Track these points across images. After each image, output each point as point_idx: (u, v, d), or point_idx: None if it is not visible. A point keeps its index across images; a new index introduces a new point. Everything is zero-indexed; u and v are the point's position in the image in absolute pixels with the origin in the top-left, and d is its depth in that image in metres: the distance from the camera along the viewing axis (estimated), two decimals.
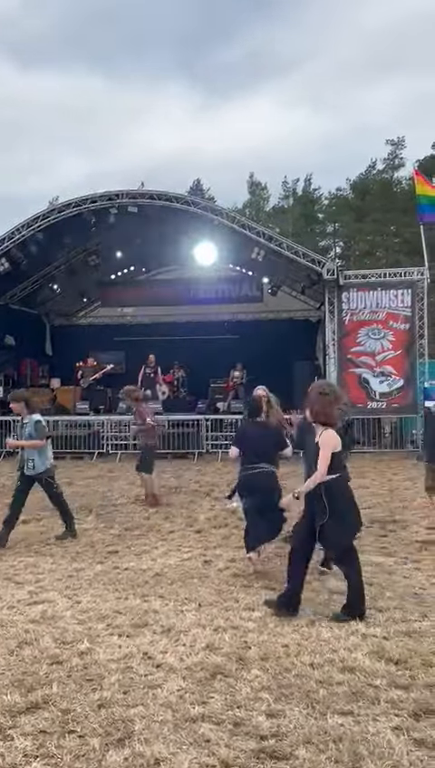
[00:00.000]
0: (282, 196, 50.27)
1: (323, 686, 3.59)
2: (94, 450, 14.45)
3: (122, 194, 15.22)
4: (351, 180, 47.25)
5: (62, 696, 3.53)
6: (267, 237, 15.02)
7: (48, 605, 4.99)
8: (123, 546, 6.81)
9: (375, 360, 14.27)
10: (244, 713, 3.31)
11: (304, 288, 17.68)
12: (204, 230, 16.83)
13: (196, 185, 49.08)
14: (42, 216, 15.34)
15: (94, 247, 18.41)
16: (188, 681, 3.68)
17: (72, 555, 6.47)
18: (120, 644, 4.23)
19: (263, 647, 4.13)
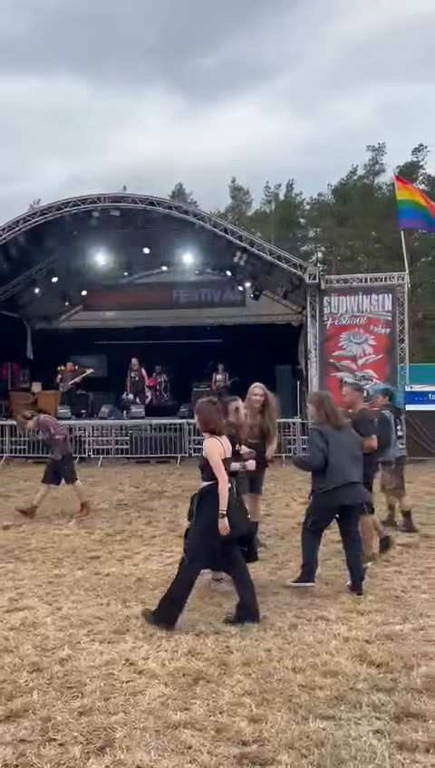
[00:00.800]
0: (264, 201, 50.49)
1: (305, 691, 3.59)
2: (76, 455, 14.33)
3: (104, 197, 15.17)
4: (332, 186, 47.64)
5: (43, 703, 3.49)
6: (249, 242, 15.07)
7: (28, 612, 4.93)
8: (105, 552, 6.77)
9: (356, 363, 14.37)
10: (226, 718, 3.30)
11: (286, 292, 17.76)
12: (186, 234, 16.84)
13: (178, 189, 49.14)
14: (23, 219, 15.24)
15: (76, 251, 18.32)
16: (170, 687, 3.65)
17: (53, 561, 6.41)
18: (101, 650, 4.19)
19: (245, 651, 4.12)
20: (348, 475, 5.24)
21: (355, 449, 5.45)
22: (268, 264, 15.54)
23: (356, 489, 5.32)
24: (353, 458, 5.37)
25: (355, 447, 5.46)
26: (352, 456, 5.35)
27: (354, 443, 5.49)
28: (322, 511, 5.36)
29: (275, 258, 14.75)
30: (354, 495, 5.30)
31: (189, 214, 15.30)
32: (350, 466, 5.28)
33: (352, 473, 5.29)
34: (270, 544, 6.84)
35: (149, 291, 20.84)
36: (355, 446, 5.47)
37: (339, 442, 5.30)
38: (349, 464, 5.28)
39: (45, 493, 8.72)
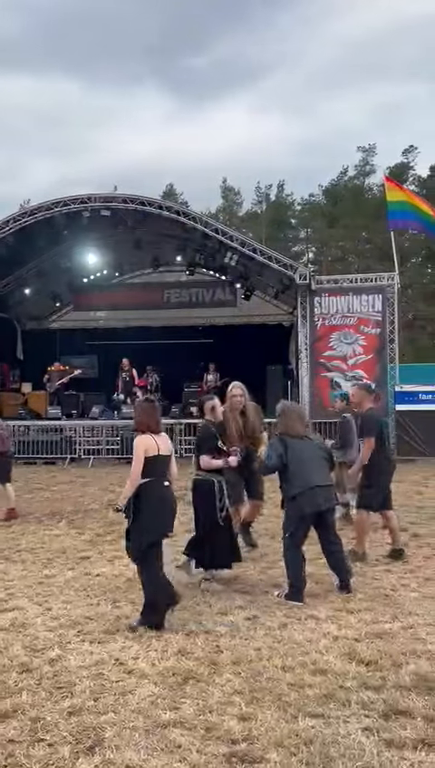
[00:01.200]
0: (255, 202, 50.57)
1: (294, 689, 3.60)
2: (67, 455, 14.32)
3: (95, 197, 15.15)
4: (323, 186, 47.79)
5: (32, 704, 3.48)
6: (240, 242, 15.09)
7: (18, 612, 4.92)
8: (95, 552, 6.76)
9: (347, 364, 14.43)
10: (216, 717, 3.30)
11: (276, 293, 17.80)
12: (177, 234, 16.85)
13: (169, 189, 49.10)
14: (13, 219, 15.19)
15: (66, 251, 18.27)
16: (159, 687, 3.65)
17: (43, 562, 6.40)
18: (91, 650, 4.19)
19: (235, 651, 4.13)
20: (309, 480, 5.13)
21: (319, 454, 5.36)
22: (259, 265, 15.57)
23: (321, 494, 5.17)
24: (318, 464, 5.28)
25: (319, 453, 5.38)
26: (316, 462, 5.27)
27: (317, 449, 5.42)
28: (294, 520, 5.22)
29: (266, 258, 14.78)
30: (319, 502, 5.15)
31: (180, 214, 15.30)
32: (314, 472, 5.18)
33: (315, 478, 5.17)
34: (261, 544, 6.85)
35: (140, 291, 20.81)
36: (318, 452, 5.39)
37: (299, 449, 5.23)
38: (312, 470, 5.19)
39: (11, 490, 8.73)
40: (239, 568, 5.97)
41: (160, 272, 19.91)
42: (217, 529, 5.46)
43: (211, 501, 5.47)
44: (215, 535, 5.48)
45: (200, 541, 5.58)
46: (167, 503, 4.65)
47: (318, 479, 5.19)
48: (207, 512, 5.48)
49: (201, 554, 5.56)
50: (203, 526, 5.54)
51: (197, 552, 5.59)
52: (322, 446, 5.60)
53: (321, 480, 5.21)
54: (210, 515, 5.46)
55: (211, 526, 5.47)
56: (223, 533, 5.51)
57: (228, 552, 5.55)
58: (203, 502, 5.52)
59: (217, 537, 5.49)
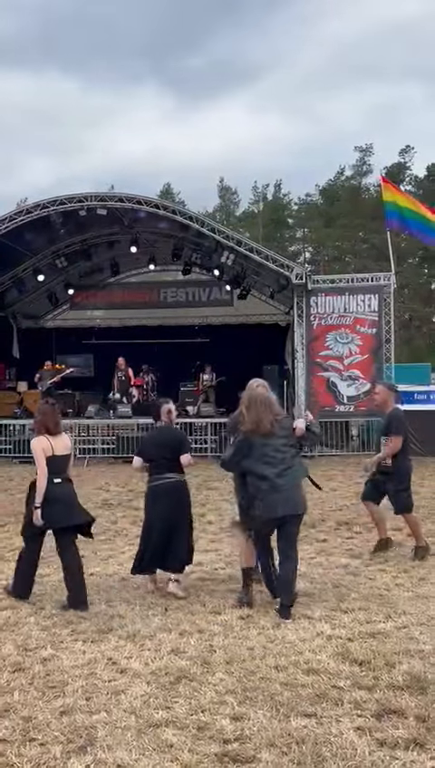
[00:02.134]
0: (252, 202, 50.66)
1: (287, 689, 3.59)
2: None
3: (91, 196, 15.12)
4: (320, 186, 47.85)
5: (24, 703, 3.47)
6: (237, 241, 15.08)
7: (11, 611, 4.91)
8: (89, 551, 6.71)
9: (343, 363, 14.43)
10: (208, 717, 3.29)
11: (273, 293, 17.79)
12: (173, 234, 16.84)
13: (166, 189, 49.11)
14: (9, 218, 15.14)
15: (63, 250, 18.24)
16: (152, 686, 3.65)
17: None
18: (84, 650, 4.18)
19: (228, 650, 4.13)
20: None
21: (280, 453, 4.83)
22: (256, 264, 15.56)
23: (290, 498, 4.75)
24: (277, 463, 4.77)
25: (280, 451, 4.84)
26: (276, 461, 4.77)
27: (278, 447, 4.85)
28: (259, 521, 4.86)
29: (262, 258, 14.78)
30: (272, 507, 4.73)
31: (177, 213, 15.28)
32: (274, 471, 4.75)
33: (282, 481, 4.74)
34: None
35: (137, 290, 20.80)
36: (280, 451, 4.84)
37: (260, 446, 4.80)
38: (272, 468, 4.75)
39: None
40: (234, 568, 5.96)
41: (157, 271, 19.89)
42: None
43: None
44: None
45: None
46: (54, 500, 5.08)
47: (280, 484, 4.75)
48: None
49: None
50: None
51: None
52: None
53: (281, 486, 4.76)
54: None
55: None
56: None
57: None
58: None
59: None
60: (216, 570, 5.95)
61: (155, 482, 5.43)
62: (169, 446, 5.49)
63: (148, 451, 5.58)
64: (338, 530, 7.59)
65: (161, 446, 5.50)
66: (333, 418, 14.15)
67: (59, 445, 5.20)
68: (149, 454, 5.54)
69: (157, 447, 5.53)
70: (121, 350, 17.17)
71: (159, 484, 5.39)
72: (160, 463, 5.42)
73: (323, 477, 11.38)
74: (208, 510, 8.73)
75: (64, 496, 5.15)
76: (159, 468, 5.43)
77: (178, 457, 5.43)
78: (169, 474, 5.40)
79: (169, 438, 5.63)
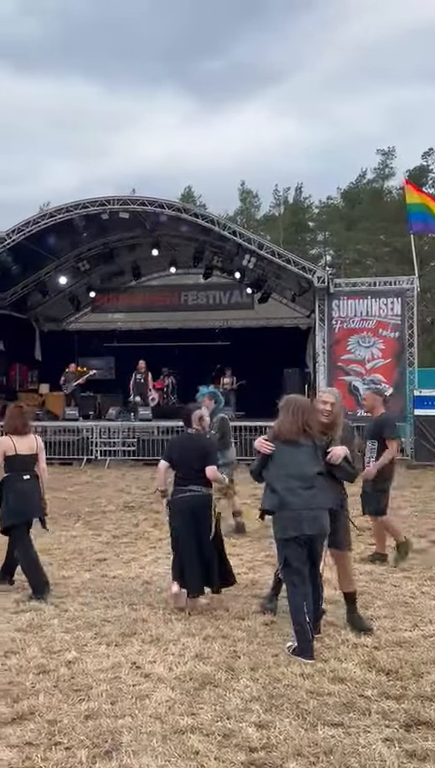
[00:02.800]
0: (273, 205, 50.52)
1: (313, 697, 3.55)
2: (83, 456, 14.36)
3: (114, 200, 15.19)
4: (341, 189, 47.61)
5: (49, 706, 3.47)
6: (258, 245, 15.05)
7: (35, 613, 4.92)
8: (112, 554, 6.75)
9: (365, 367, 14.31)
10: (233, 724, 3.26)
11: (294, 296, 17.73)
12: (195, 237, 16.86)
13: (187, 192, 49.21)
14: (33, 221, 15.29)
15: (85, 253, 18.37)
16: (176, 691, 3.63)
17: (60, 563, 6.40)
18: (108, 653, 4.17)
19: (253, 656, 4.09)
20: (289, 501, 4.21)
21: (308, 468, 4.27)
22: (277, 267, 15.52)
23: (306, 517, 4.17)
24: (302, 480, 4.22)
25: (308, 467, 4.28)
26: (299, 477, 4.23)
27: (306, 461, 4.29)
28: (281, 544, 4.30)
29: (284, 261, 14.72)
30: (301, 525, 4.16)
31: (199, 216, 15.30)
32: (295, 485, 4.21)
33: (294, 499, 4.19)
34: None
35: (158, 293, 20.89)
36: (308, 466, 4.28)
37: (279, 455, 4.31)
38: (293, 482, 4.22)
39: None
40: (257, 573, 5.94)
41: (178, 274, 19.94)
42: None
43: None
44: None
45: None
46: (23, 494, 5.47)
47: (301, 501, 4.20)
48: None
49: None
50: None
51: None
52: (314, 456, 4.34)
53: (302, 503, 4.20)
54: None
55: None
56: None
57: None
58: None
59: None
60: (238, 574, 5.86)
61: (177, 494, 5.12)
62: (195, 456, 5.11)
63: (173, 456, 5.26)
64: (361, 535, 7.47)
65: (187, 454, 5.16)
66: (356, 423, 13.98)
67: (23, 445, 5.55)
68: (173, 459, 5.24)
69: (182, 454, 5.20)
70: (142, 352, 17.23)
71: (181, 497, 5.08)
72: (185, 472, 5.10)
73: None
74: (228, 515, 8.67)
75: (31, 491, 5.55)
76: (183, 479, 5.11)
77: (203, 468, 5.06)
78: (193, 486, 5.05)
79: (196, 446, 5.23)
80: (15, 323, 19.10)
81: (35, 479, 5.59)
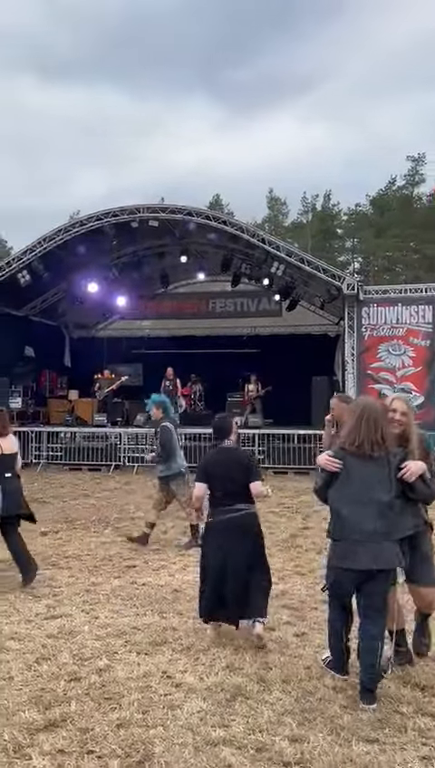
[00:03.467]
0: (301, 212, 50.48)
1: (347, 712, 3.49)
2: (111, 463, 14.44)
3: (143, 208, 15.30)
4: (370, 196, 47.34)
5: (81, 714, 3.47)
6: (287, 252, 15.00)
7: (66, 619, 4.94)
8: (141, 561, 6.75)
9: (396, 376, 14.13)
10: (266, 737, 3.22)
11: (323, 303, 17.62)
12: (223, 244, 16.89)
13: (215, 200, 49.43)
14: (63, 230, 15.46)
15: (114, 261, 18.52)
16: (208, 702, 3.60)
17: (90, 569, 6.42)
18: (138, 662, 4.16)
19: (284, 668, 4.04)
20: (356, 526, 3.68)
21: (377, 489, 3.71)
22: (306, 275, 15.45)
23: (371, 549, 3.65)
24: (371, 504, 3.68)
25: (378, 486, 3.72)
26: (369, 501, 3.69)
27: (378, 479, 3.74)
28: (334, 571, 3.82)
29: (313, 268, 14.65)
30: (368, 558, 3.64)
31: (227, 224, 15.31)
32: (362, 512, 3.68)
33: (360, 526, 3.67)
34: (308, 558, 6.74)
35: (186, 300, 20.97)
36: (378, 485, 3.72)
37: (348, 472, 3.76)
38: (360, 508, 3.69)
39: None
40: (287, 583, 5.88)
41: (206, 281, 19.99)
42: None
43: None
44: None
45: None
46: (6, 492, 5.74)
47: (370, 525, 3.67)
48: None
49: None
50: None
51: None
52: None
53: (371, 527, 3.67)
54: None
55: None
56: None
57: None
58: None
59: None
60: None
61: (222, 515, 4.55)
62: (238, 470, 4.62)
63: (211, 473, 4.67)
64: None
65: (229, 470, 4.61)
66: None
67: (6, 444, 5.89)
68: (214, 476, 4.65)
69: (224, 470, 4.63)
70: (170, 359, 17.28)
71: (230, 517, 4.52)
72: (229, 490, 4.57)
73: None
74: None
75: (14, 489, 5.89)
76: (226, 497, 4.58)
77: (246, 485, 4.57)
78: (241, 504, 4.56)
79: (237, 460, 4.71)
80: (46, 330, 19.33)
81: (17, 478, 5.98)
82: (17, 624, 4.83)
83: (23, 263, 15.51)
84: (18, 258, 15.65)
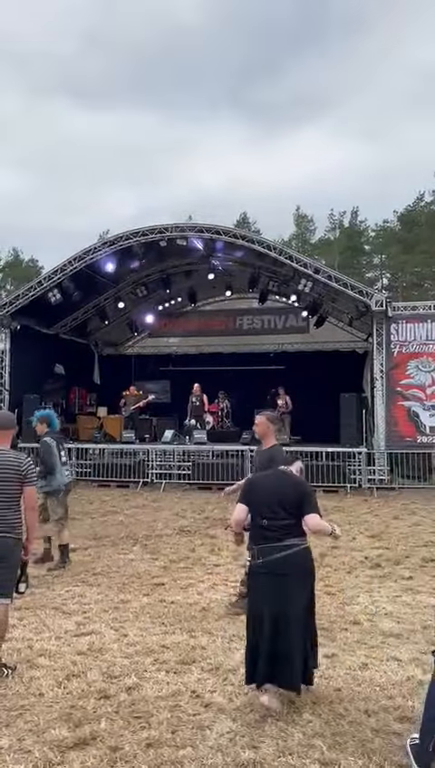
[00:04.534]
0: (328, 229, 50.53)
1: (378, 736, 3.43)
2: (139, 479, 14.50)
3: (172, 227, 15.51)
4: (398, 212, 47.20)
5: (111, 732, 3.48)
6: (315, 269, 15.03)
7: (95, 637, 4.96)
8: (169, 578, 6.75)
9: (426, 393, 13.99)
10: (297, 760, 3.19)
11: (351, 319, 17.57)
12: (250, 262, 17.00)
13: (242, 218, 49.78)
14: (93, 249, 15.75)
15: (143, 279, 18.77)
16: (237, 723, 3.57)
17: (119, 586, 6.44)
18: (167, 680, 4.15)
19: (314, 690, 3.99)
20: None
21: None
22: (333, 291, 15.44)
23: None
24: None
25: None
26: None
27: None
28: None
29: (340, 285, 14.64)
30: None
31: (255, 242, 15.42)
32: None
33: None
34: (337, 578, 6.66)
35: (213, 318, 21.12)
36: None
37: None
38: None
39: None
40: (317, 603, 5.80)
41: (233, 298, 20.11)
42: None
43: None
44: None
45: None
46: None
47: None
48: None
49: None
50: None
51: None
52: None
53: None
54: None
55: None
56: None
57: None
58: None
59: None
60: None
61: (269, 553, 3.85)
62: (292, 499, 3.92)
63: (255, 499, 4.02)
64: (424, 567, 7.27)
65: (276, 498, 3.94)
66: (415, 450, 13.69)
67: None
68: (257, 502, 4.00)
69: (269, 498, 3.97)
70: (197, 376, 17.37)
71: (280, 556, 3.82)
72: (279, 523, 3.88)
73: (405, 512, 11.01)
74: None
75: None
76: (269, 530, 3.89)
77: (299, 516, 3.89)
78: (293, 539, 3.87)
79: (288, 486, 4.01)
80: (76, 348, 19.63)
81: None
82: (47, 641, 4.86)
83: (53, 282, 15.82)
84: (49, 278, 15.97)
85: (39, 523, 7.08)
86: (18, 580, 4.30)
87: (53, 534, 7.36)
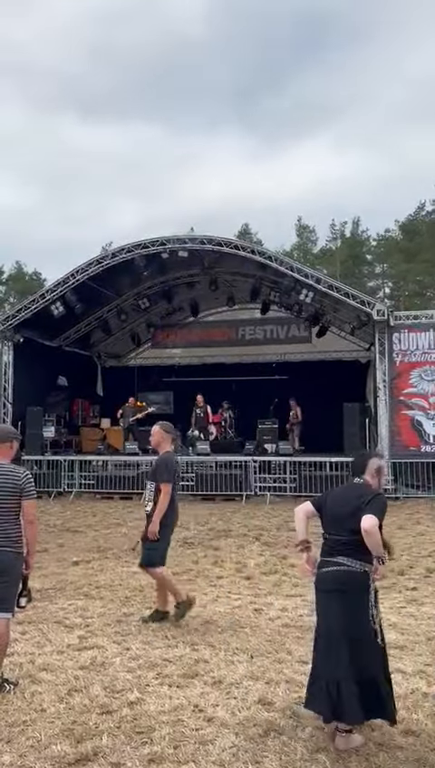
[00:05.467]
0: (329, 239, 50.69)
1: (382, 750, 3.40)
2: (142, 491, 14.48)
3: (173, 239, 15.59)
4: (399, 222, 47.36)
5: (112, 748, 3.45)
6: (316, 279, 15.07)
7: (97, 651, 4.93)
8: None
9: (429, 401, 13.96)
10: None
11: (353, 329, 17.58)
12: (252, 273, 17.05)
13: (244, 229, 50.00)
14: (95, 262, 15.83)
15: (145, 291, 18.83)
16: (240, 737, 3.54)
17: (122, 599, 6.42)
18: (170, 695, 4.13)
19: None
20: None
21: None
22: (335, 301, 15.48)
23: None
24: None
25: None
26: None
27: None
28: None
29: (342, 295, 14.67)
30: None
31: (256, 253, 15.48)
32: None
33: None
34: None
35: (215, 328, 21.13)
36: None
37: None
38: None
39: None
40: None
41: (235, 309, 20.16)
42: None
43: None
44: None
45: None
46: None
47: None
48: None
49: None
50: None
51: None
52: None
53: None
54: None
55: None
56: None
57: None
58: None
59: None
60: (300, 616, 5.77)
61: (322, 566, 3.69)
62: (350, 511, 3.59)
63: (323, 508, 3.80)
64: (428, 577, 7.23)
65: (341, 509, 3.66)
66: (419, 459, 13.65)
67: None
68: (323, 514, 3.78)
69: (334, 509, 3.72)
70: (200, 387, 17.38)
71: (326, 571, 3.65)
72: (334, 536, 3.66)
73: (409, 521, 10.96)
74: (290, 552, 8.54)
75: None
76: (327, 544, 3.70)
77: (358, 530, 3.47)
78: (341, 557, 3.59)
79: (355, 497, 3.65)
80: (79, 360, 19.68)
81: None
82: (49, 655, 4.84)
83: (56, 294, 15.89)
84: (51, 290, 16.06)
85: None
86: (20, 594, 4.29)
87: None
